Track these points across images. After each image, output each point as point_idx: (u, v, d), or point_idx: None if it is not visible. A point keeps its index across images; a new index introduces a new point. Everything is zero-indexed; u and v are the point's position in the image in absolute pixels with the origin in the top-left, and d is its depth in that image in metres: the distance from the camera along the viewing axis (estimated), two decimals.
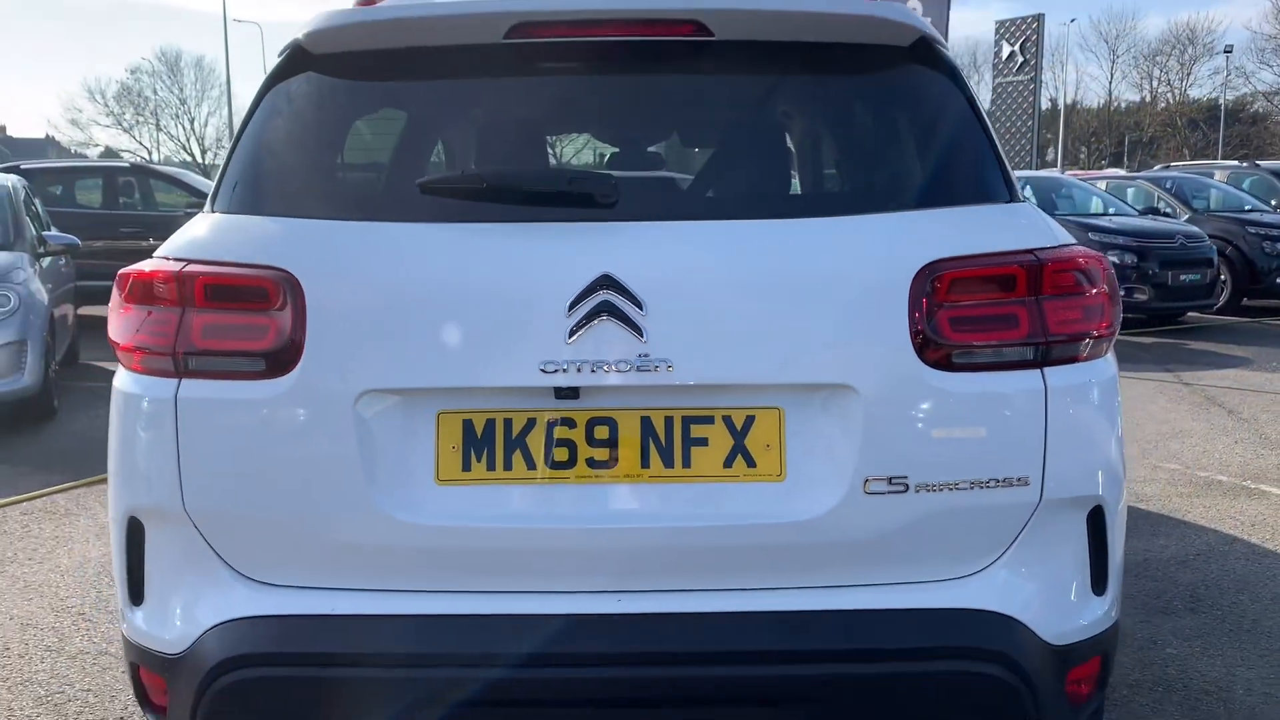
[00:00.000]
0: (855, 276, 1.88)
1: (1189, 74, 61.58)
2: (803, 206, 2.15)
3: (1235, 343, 10.49)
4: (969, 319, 1.88)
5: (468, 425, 1.89)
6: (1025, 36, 33.46)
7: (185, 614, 1.95)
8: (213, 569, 1.94)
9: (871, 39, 2.09)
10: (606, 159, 3.29)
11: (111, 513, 2.07)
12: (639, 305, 1.82)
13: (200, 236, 2.00)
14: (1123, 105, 63.63)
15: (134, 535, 2.01)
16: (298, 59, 2.13)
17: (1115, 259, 11.11)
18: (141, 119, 63.05)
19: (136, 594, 2.03)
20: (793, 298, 1.86)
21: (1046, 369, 1.90)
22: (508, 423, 1.88)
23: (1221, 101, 56.58)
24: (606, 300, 1.81)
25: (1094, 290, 1.96)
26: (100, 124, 62.31)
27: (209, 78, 62.49)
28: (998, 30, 34.86)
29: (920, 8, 9.89)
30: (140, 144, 62.70)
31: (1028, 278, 1.90)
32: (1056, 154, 53.16)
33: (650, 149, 2.96)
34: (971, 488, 1.87)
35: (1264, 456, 6.00)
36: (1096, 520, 1.99)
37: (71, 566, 4.39)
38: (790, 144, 2.31)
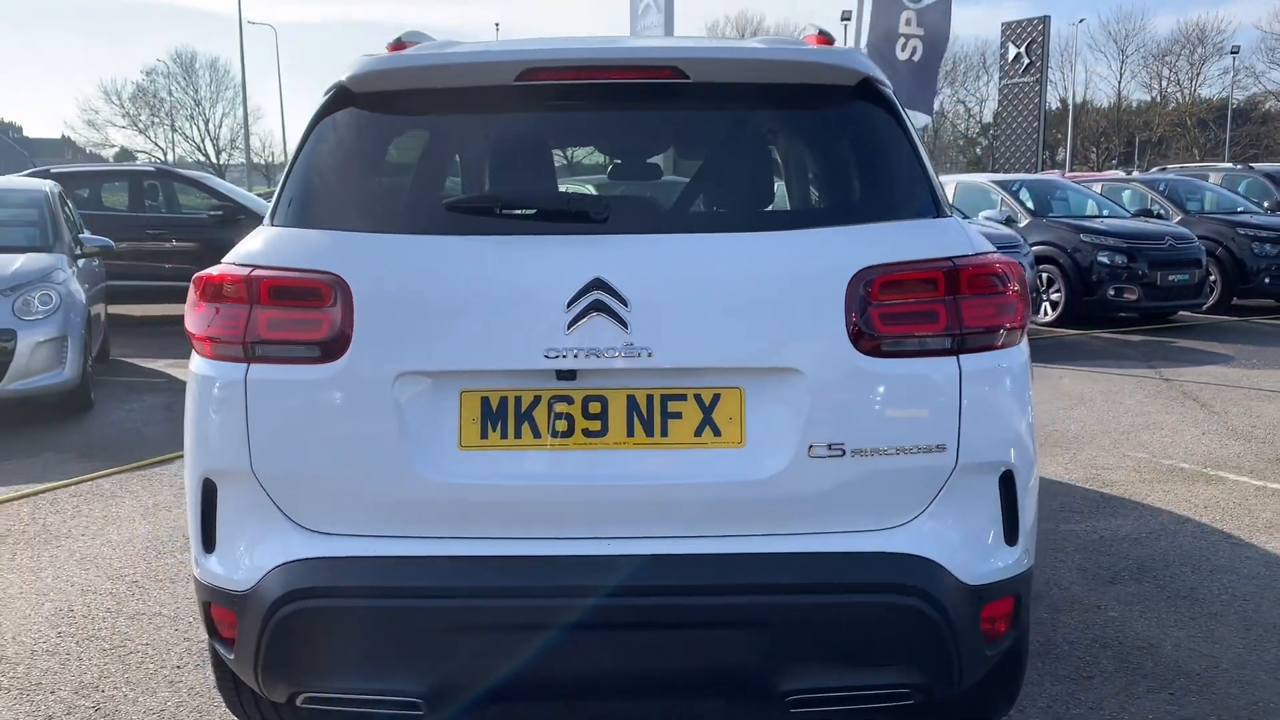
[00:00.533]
0: (802, 280, 2.28)
1: (1199, 73, 61.74)
2: (761, 221, 2.54)
3: (1221, 340, 10.84)
4: (895, 315, 2.28)
5: (485, 402, 2.30)
6: (1031, 39, 33.79)
7: (251, 557, 2.36)
8: (274, 520, 2.35)
9: (823, 80, 2.49)
10: (609, 171, 3.71)
11: (188, 475, 2.48)
12: (625, 303, 2.22)
13: (263, 245, 2.41)
14: (1134, 104, 63.76)
15: (208, 494, 2.42)
16: (342, 97, 2.54)
17: (1106, 259, 11.50)
18: (157, 120, 63.80)
19: (209, 543, 2.44)
20: (751, 297, 2.27)
21: (961, 356, 2.30)
22: (518, 399, 2.29)
23: (1229, 101, 56.70)
24: (598, 299, 2.22)
25: (1006, 291, 2.36)
26: (116, 125, 63.05)
27: (223, 79, 63.22)
28: (1003, 32, 35.19)
29: (916, 16, 10.26)
30: (156, 145, 63.45)
31: (946, 281, 2.30)
32: (1066, 154, 53.39)
33: (636, 168, 3.38)
34: (897, 453, 2.27)
35: (1228, 446, 6.39)
36: (1008, 483, 2.38)
37: (121, 541, 4.82)
38: (753, 168, 2.72)
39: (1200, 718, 3.12)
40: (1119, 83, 63.69)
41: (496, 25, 79.60)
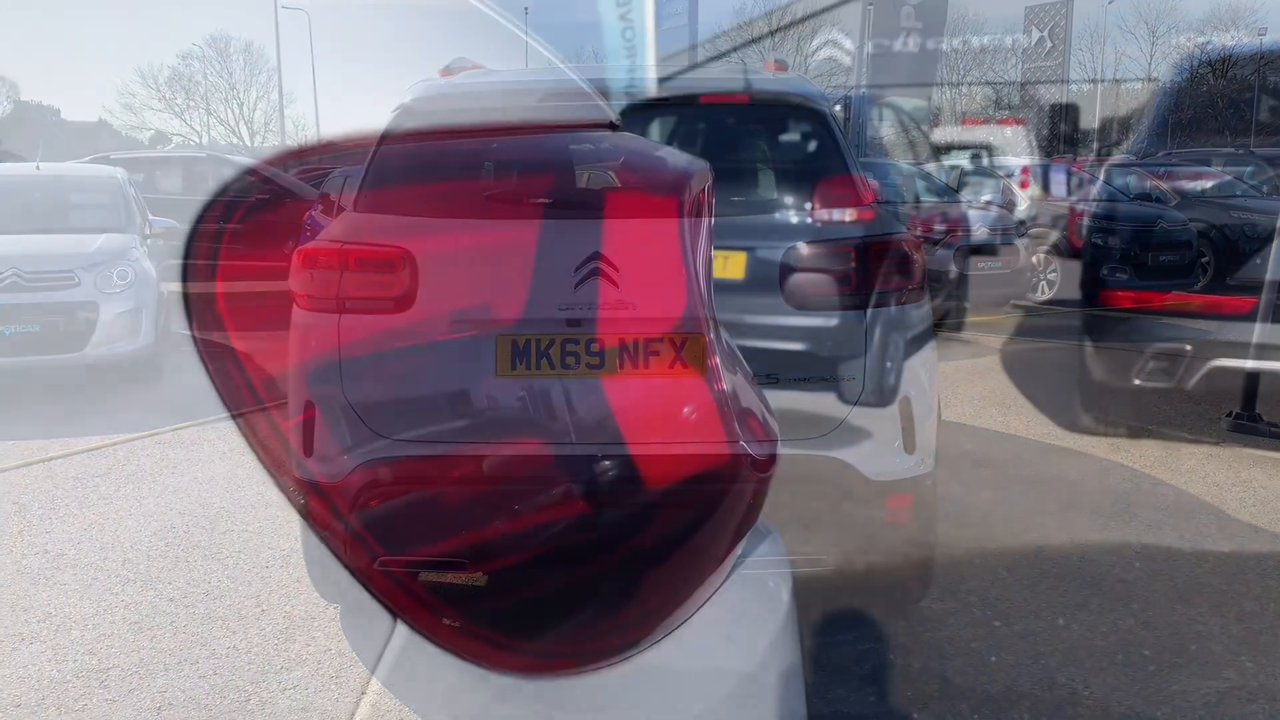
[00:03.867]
0: (748, 253, 3.08)
1: (1231, 54, 61.40)
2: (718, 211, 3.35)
3: (1205, 318, 11.47)
4: (818, 279, 3.06)
5: (514, 342, 3.10)
6: (1054, 22, 34.26)
7: (340, 458, 3.18)
8: (358, 429, 3.16)
9: (769, 101, 3.28)
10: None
11: (292, 398, 3.31)
12: (616, 270, 3.02)
13: (349, 227, 3.23)
14: (1167, 85, 63.45)
15: (309, 412, 3.24)
16: (405, 114, 3.35)
17: (1099, 240, 12.14)
18: (192, 104, 65.05)
19: (309, 449, 3.26)
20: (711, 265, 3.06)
21: (868, 310, 3.09)
22: (539, 341, 3.09)
23: (1255, 83, 56.50)
24: (597, 267, 3.01)
25: (905, 262, 3.14)
26: (153, 108, 64.31)
27: (257, 62, 64.31)
28: (1027, 16, 35.59)
29: (914, 11, 10.97)
30: (191, 128, 64.68)
31: (857, 254, 3.08)
32: (1094, 136, 53.45)
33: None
34: (819, 382, 3.07)
35: (1176, 407, 7.13)
36: (905, 406, 3.17)
37: (205, 478, 5.69)
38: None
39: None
40: (1149, 63, 63.53)
41: (526, 9, 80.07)
